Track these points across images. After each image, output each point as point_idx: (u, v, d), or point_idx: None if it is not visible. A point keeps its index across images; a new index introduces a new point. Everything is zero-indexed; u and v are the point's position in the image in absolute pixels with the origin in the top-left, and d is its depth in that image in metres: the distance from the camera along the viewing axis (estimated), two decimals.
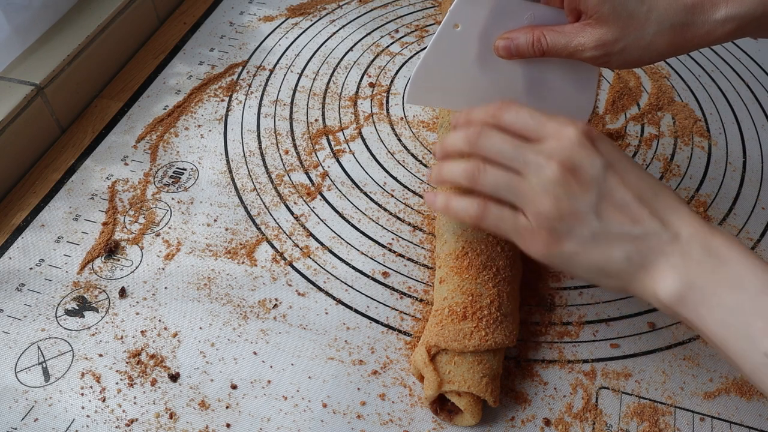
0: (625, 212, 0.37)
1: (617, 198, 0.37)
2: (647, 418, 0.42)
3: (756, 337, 0.33)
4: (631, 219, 0.37)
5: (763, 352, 0.33)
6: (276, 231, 0.52)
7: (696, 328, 0.36)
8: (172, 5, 0.74)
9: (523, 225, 0.39)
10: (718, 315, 0.35)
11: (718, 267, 0.35)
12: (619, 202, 0.37)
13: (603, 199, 0.37)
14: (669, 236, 0.36)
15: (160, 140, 0.59)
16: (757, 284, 0.34)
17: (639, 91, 0.64)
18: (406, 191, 0.55)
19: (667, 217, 0.37)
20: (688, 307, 0.36)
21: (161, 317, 0.46)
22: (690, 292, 0.35)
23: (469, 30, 0.44)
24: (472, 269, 0.43)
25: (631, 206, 0.37)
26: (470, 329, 0.40)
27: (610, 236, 0.37)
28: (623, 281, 0.38)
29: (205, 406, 0.42)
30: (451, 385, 0.40)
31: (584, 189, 0.37)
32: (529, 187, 0.38)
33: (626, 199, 0.37)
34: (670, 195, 0.38)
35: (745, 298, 0.34)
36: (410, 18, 0.73)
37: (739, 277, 0.35)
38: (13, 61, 0.58)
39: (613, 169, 0.38)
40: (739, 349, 0.34)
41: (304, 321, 0.46)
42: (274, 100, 0.63)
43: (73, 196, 0.54)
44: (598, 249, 0.37)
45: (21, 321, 0.46)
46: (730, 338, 0.34)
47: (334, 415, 0.42)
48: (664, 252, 0.36)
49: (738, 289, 0.34)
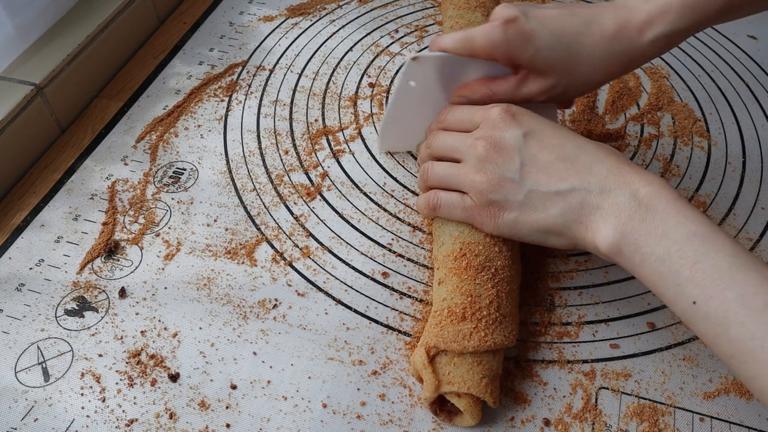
0: (549, 172, 0.40)
1: (540, 160, 0.41)
2: (647, 418, 0.42)
3: (683, 285, 0.35)
4: (556, 177, 0.40)
5: (691, 301, 0.35)
6: (276, 231, 0.52)
7: (634, 275, 0.38)
8: (172, 5, 0.74)
9: (469, 204, 0.43)
10: (650, 264, 0.37)
11: (646, 216, 0.37)
12: (542, 163, 0.41)
13: (526, 164, 0.41)
14: (597, 189, 0.39)
15: (159, 140, 0.59)
16: (683, 233, 0.36)
17: (639, 91, 0.64)
18: (406, 191, 0.55)
19: (593, 170, 0.39)
20: (625, 257, 0.38)
21: (161, 317, 0.46)
22: (624, 243, 0.37)
23: (422, 86, 0.49)
24: (471, 270, 0.43)
25: (554, 165, 0.40)
26: (469, 330, 0.40)
27: (540, 196, 0.40)
28: (567, 238, 0.41)
29: (205, 406, 0.42)
30: (451, 386, 0.40)
31: (508, 158, 0.41)
32: (465, 171, 0.43)
33: (549, 159, 0.41)
34: (595, 149, 0.41)
35: (673, 247, 0.36)
36: (410, 18, 0.73)
37: (666, 226, 0.36)
38: (14, 61, 0.58)
39: (532, 136, 0.42)
40: (671, 297, 0.36)
41: (304, 321, 0.46)
42: (273, 100, 0.63)
43: (73, 196, 0.54)
44: (534, 210, 0.41)
45: (21, 321, 0.46)
46: (661, 286, 0.37)
47: (334, 416, 0.42)
48: (595, 205, 0.39)
49: (666, 238, 0.36)
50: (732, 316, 0.34)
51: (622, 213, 0.38)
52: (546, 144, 0.41)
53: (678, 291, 0.35)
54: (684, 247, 0.35)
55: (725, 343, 0.34)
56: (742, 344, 0.33)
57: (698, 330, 0.36)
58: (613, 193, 0.38)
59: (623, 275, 0.50)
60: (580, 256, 0.51)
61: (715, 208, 0.54)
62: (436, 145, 0.47)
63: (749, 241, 0.52)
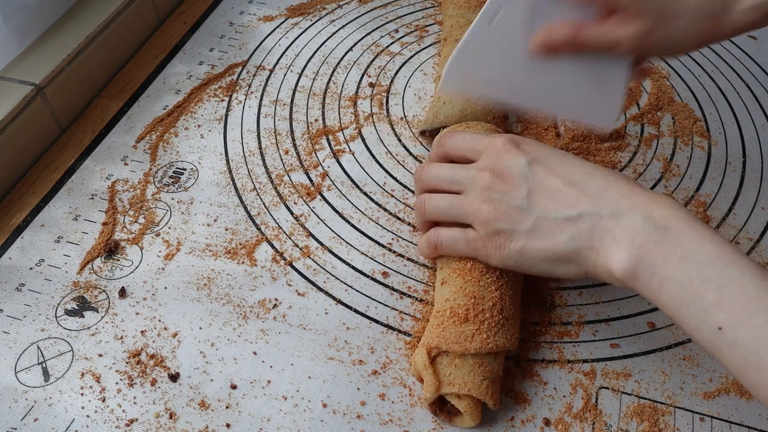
0: (557, 198, 0.39)
1: (547, 186, 0.40)
2: (647, 418, 0.42)
3: (707, 311, 0.33)
4: (564, 204, 0.39)
5: (716, 327, 0.33)
6: (276, 231, 0.52)
7: (652, 301, 0.36)
8: (172, 5, 0.74)
9: (473, 237, 0.42)
10: (669, 289, 0.35)
11: (663, 239, 0.35)
12: (549, 190, 0.39)
13: (533, 191, 0.40)
14: (609, 213, 0.37)
15: (159, 140, 0.59)
16: (704, 255, 0.34)
17: (639, 91, 0.64)
18: (406, 191, 0.55)
19: (602, 195, 0.38)
20: (641, 281, 0.36)
21: (161, 317, 0.46)
22: (640, 267, 0.36)
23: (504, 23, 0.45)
24: (475, 272, 0.43)
25: (562, 191, 0.39)
26: (472, 332, 0.40)
27: (548, 223, 0.39)
28: (577, 265, 0.39)
29: (205, 406, 0.42)
30: (452, 387, 0.40)
31: (514, 186, 0.40)
32: (469, 201, 0.42)
33: (556, 186, 0.39)
34: (604, 174, 0.39)
35: (694, 271, 0.34)
36: (410, 18, 0.73)
37: (685, 249, 0.35)
38: (13, 60, 0.58)
39: (538, 163, 0.40)
40: (692, 323, 0.34)
41: (304, 321, 0.46)
42: (273, 100, 0.63)
43: (73, 196, 0.54)
44: (542, 238, 0.39)
45: (21, 321, 0.46)
46: (683, 312, 0.35)
47: (334, 415, 0.42)
48: (607, 229, 0.37)
49: (685, 262, 0.34)
50: (763, 342, 0.32)
51: (636, 236, 0.36)
52: (553, 171, 0.40)
53: (701, 317, 0.34)
54: (707, 270, 0.34)
55: (754, 372, 0.32)
56: None
57: (724, 358, 0.34)
58: (625, 217, 0.37)
59: None
60: None
61: (715, 208, 0.54)
62: (431, 176, 0.44)
63: (749, 241, 0.52)
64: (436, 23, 0.72)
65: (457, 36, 0.62)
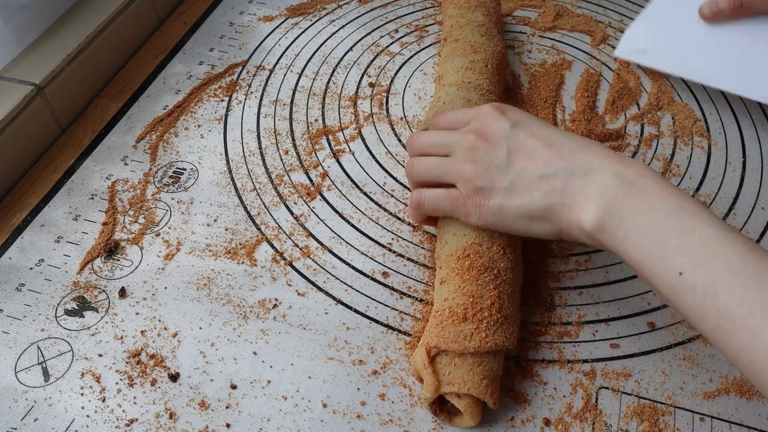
0: (535, 157, 0.41)
1: (526, 147, 0.42)
2: (647, 418, 0.42)
3: (669, 257, 0.35)
4: (541, 163, 0.41)
5: (677, 272, 0.35)
6: (276, 231, 0.52)
7: (618, 254, 0.38)
8: (172, 5, 0.74)
9: (455, 195, 0.44)
10: (634, 237, 0.37)
11: (631, 193, 0.37)
12: (528, 150, 0.42)
13: (513, 151, 0.42)
14: (582, 172, 0.39)
15: (159, 140, 0.59)
16: (669, 206, 0.36)
17: (639, 90, 0.64)
18: (406, 191, 0.55)
19: (577, 156, 0.40)
20: (608, 233, 0.38)
21: (161, 317, 0.46)
22: (608, 219, 0.38)
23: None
24: (473, 270, 0.43)
25: (539, 151, 0.41)
26: (470, 331, 0.40)
27: (525, 180, 0.41)
28: (551, 222, 0.41)
29: (205, 406, 0.42)
30: (451, 386, 0.40)
31: (495, 146, 0.42)
32: (453, 162, 0.44)
33: (534, 147, 0.42)
34: (581, 139, 0.42)
35: (659, 219, 0.36)
36: (410, 18, 0.73)
37: (652, 201, 0.37)
38: (13, 60, 0.58)
39: (520, 126, 0.43)
40: (655, 270, 0.36)
41: (304, 321, 0.46)
42: (273, 100, 0.63)
43: (73, 196, 0.54)
44: (519, 195, 0.41)
45: (21, 321, 0.46)
46: (645, 260, 0.36)
47: (334, 415, 0.42)
48: (579, 186, 0.39)
49: (651, 212, 0.36)
50: (720, 284, 0.33)
51: (606, 191, 0.38)
52: (533, 133, 0.42)
53: (663, 263, 0.35)
54: (670, 219, 0.36)
55: (712, 313, 0.33)
56: (731, 311, 0.32)
57: (684, 303, 0.35)
58: (596, 174, 0.39)
59: (623, 275, 0.50)
60: (580, 255, 0.51)
61: (715, 208, 0.54)
62: (421, 143, 0.47)
63: None
64: (436, 23, 0.72)
65: (457, 36, 0.62)
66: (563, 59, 0.67)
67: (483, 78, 0.57)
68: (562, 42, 0.70)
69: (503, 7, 0.73)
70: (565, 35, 0.71)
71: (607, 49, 0.68)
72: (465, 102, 0.56)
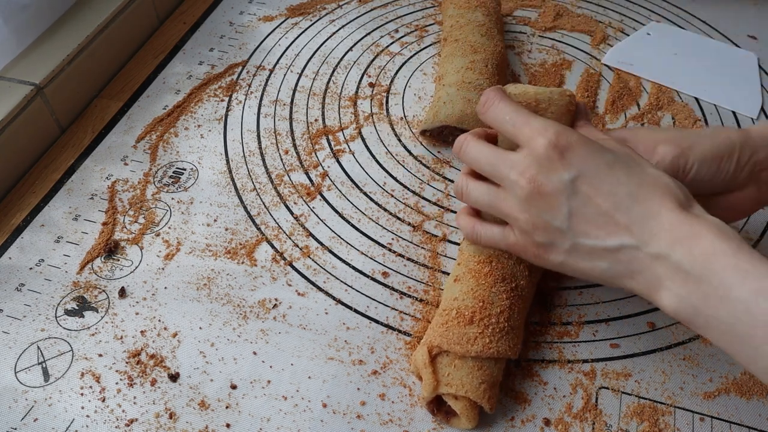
0: (598, 225, 0.37)
1: (588, 211, 0.37)
2: (647, 418, 0.42)
3: (760, 347, 0.33)
4: (605, 231, 0.37)
5: None
6: (276, 231, 0.52)
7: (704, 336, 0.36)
8: (172, 5, 0.74)
9: (512, 241, 0.41)
10: (716, 327, 0.34)
11: (704, 279, 0.34)
12: (590, 215, 0.37)
13: (574, 214, 0.37)
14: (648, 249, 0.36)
15: (159, 140, 0.59)
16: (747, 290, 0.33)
17: (639, 91, 0.64)
18: (406, 191, 0.55)
19: (644, 226, 0.36)
20: (686, 320, 0.35)
21: (161, 317, 0.46)
22: (682, 308, 0.35)
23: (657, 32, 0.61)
24: (491, 278, 0.43)
25: (603, 218, 0.37)
26: (475, 334, 0.40)
27: (587, 248, 0.38)
28: (621, 285, 0.38)
29: (204, 406, 0.42)
30: (449, 387, 0.39)
31: (554, 205, 0.38)
32: (508, 205, 0.40)
33: (598, 212, 0.37)
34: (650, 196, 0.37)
35: (738, 308, 0.33)
36: (410, 18, 0.73)
37: (727, 287, 0.33)
38: (13, 60, 0.58)
39: (582, 181, 0.37)
40: (746, 358, 0.34)
41: (304, 321, 0.46)
42: (273, 100, 0.63)
43: (73, 196, 0.54)
44: (582, 259, 0.38)
45: (21, 321, 0.46)
46: (734, 348, 0.34)
47: (334, 415, 0.42)
48: (647, 266, 0.36)
49: (728, 301, 0.33)
50: None
51: (675, 276, 0.35)
52: (597, 190, 0.37)
53: (756, 353, 0.33)
54: (751, 307, 0.32)
55: None
56: None
57: None
58: (663, 255, 0.35)
59: None
60: None
61: None
62: (470, 157, 0.42)
63: (749, 241, 0.52)
64: (436, 23, 0.72)
65: (457, 36, 0.62)
66: (563, 59, 0.67)
67: (483, 78, 0.57)
68: (562, 42, 0.70)
69: (503, 7, 0.73)
70: (565, 35, 0.71)
71: (607, 50, 0.68)
72: (465, 102, 0.56)
